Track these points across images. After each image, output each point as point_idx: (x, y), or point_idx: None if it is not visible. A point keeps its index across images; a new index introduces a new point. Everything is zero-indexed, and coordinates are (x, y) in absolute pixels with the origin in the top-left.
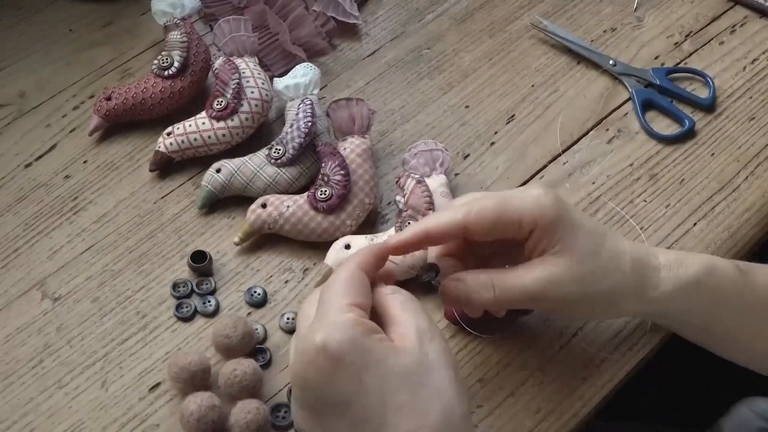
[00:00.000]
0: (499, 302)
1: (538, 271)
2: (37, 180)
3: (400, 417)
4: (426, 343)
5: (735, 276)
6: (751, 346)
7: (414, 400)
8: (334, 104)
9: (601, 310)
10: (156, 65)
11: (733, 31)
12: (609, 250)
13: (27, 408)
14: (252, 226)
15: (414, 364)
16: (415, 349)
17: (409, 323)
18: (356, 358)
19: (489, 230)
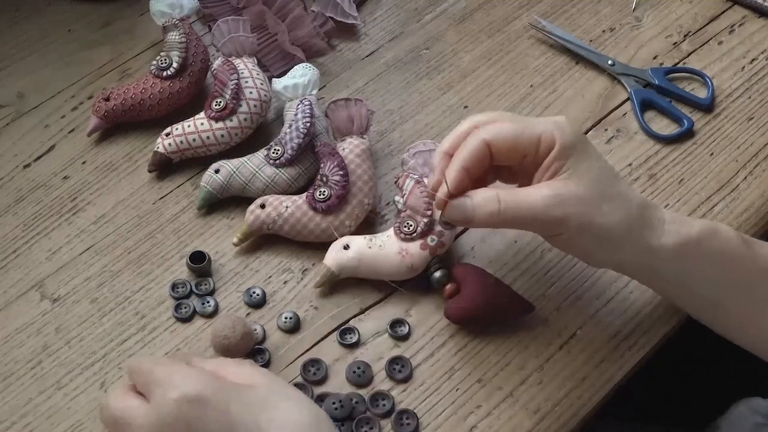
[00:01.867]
0: (502, 217)
1: (546, 189)
2: (35, 181)
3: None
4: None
5: (737, 243)
6: (748, 321)
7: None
8: (333, 104)
9: (601, 248)
10: (155, 66)
11: (731, 31)
12: (618, 189)
13: (26, 409)
14: (251, 227)
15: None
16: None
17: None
18: (220, 396)
19: (510, 147)
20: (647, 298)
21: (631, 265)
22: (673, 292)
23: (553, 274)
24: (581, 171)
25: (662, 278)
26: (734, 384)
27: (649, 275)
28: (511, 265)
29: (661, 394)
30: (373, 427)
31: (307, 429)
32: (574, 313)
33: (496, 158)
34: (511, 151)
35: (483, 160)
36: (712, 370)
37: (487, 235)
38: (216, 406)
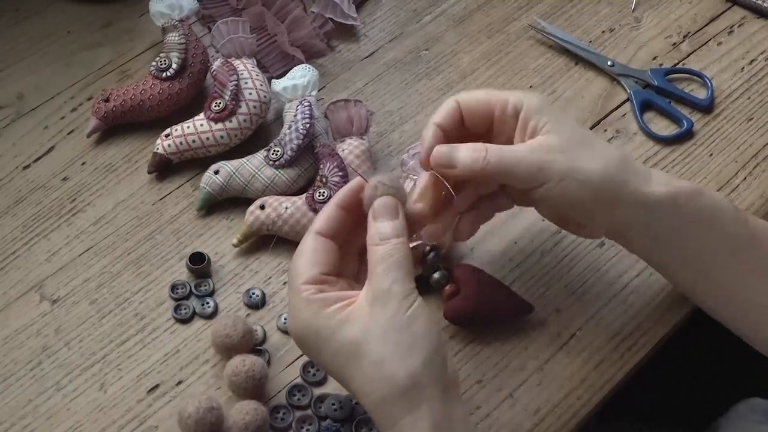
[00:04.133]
0: (487, 166)
1: (530, 143)
2: (35, 182)
3: (355, 384)
4: (377, 308)
5: (727, 205)
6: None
7: (361, 369)
8: (333, 105)
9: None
10: (154, 67)
11: (731, 31)
12: (597, 140)
13: (25, 410)
14: (250, 228)
15: (359, 334)
16: (364, 316)
17: (372, 282)
18: (312, 339)
19: (480, 106)
20: (647, 299)
21: (616, 221)
22: (661, 254)
23: (552, 275)
24: (560, 128)
25: (652, 236)
26: (734, 384)
27: (639, 232)
28: (510, 266)
29: (661, 394)
30: (373, 428)
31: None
32: (573, 314)
33: (468, 120)
34: (481, 110)
35: (455, 118)
36: (712, 370)
37: (487, 236)
38: (309, 348)
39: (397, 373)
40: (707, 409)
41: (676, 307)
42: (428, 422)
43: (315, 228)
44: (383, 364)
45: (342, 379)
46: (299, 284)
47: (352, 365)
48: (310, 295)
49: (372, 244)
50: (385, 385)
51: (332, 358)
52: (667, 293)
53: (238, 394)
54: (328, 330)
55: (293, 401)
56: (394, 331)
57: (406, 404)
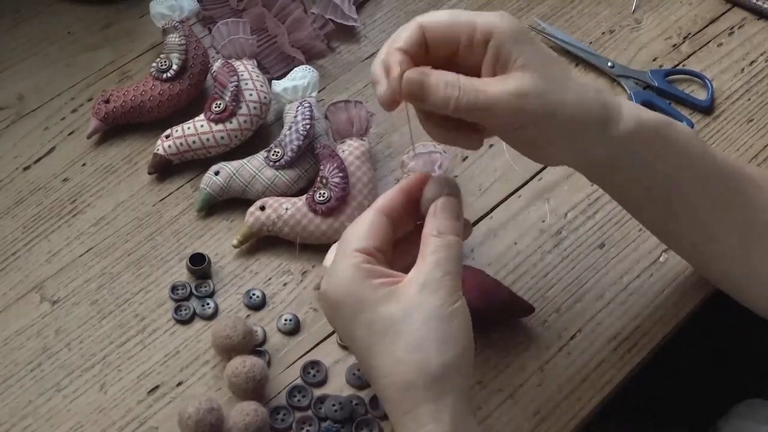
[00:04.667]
0: (459, 103)
1: (504, 81)
2: (35, 183)
3: (379, 362)
4: (425, 294)
5: (695, 137)
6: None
7: (393, 348)
8: (333, 106)
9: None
10: (154, 68)
11: (731, 32)
12: (573, 76)
13: (26, 411)
14: (251, 229)
15: (401, 313)
16: (410, 297)
17: (424, 268)
18: (350, 305)
19: (444, 29)
20: (647, 300)
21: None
22: (631, 189)
23: (552, 276)
24: (533, 61)
25: (620, 172)
26: (735, 385)
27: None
28: (510, 267)
29: (661, 395)
30: (373, 428)
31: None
32: (573, 315)
33: (432, 46)
34: (446, 34)
35: (419, 43)
36: (713, 371)
37: (487, 238)
38: (342, 314)
39: (432, 360)
40: (708, 409)
41: (676, 309)
42: (450, 414)
43: (377, 205)
44: (419, 347)
45: (367, 353)
46: (352, 249)
47: (384, 341)
48: (361, 263)
49: (430, 235)
50: (416, 369)
51: (366, 329)
52: (668, 294)
53: (238, 395)
54: (371, 301)
55: (293, 402)
56: (437, 320)
57: (432, 392)
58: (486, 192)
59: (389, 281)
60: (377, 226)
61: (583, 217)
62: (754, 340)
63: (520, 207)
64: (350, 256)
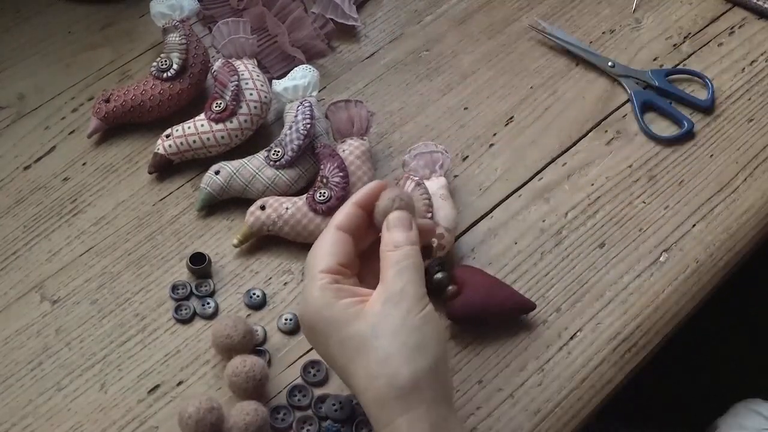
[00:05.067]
0: None
1: None
2: (36, 182)
3: (355, 380)
4: (389, 307)
5: None
6: None
7: (366, 364)
8: (333, 106)
9: None
10: (155, 67)
11: (731, 32)
12: None
13: (26, 410)
14: (251, 228)
15: (369, 329)
16: (375, 314)
17: (386, 284)
18: (321, 328)
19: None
20: (647, 300)
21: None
22: None
23: (553, 275)
24: None
25: None
26: (734, 384)
27: None
28: (511, 266)
29: (662, 394)
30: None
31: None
32: (574, 314)
33: None
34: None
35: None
36: (712, 370)
37: (488, 237)
38: (318, 336)
39: (402, 373)
40: (707, 408)
41: (676, 309)
42: (427, 423)
43: (335, 223)
44: (389, 361)
45: (345, 373)
46: (316, 272)
47: (357, 360)
48: (326, 284)
49: (386, 251)
50: (387, 383)
51: (339, 349)
52: (668, 294)
53: (238, 395)
54: (340, 321)
55: (294, 402)
56: (404, 331)
57: (406, 404)
58: (486, 191)
59: (357, 300)
60: (338, 242)
61: (583, 217)
62: (753, 339)
63: (520, 206)
64: (317, 278)
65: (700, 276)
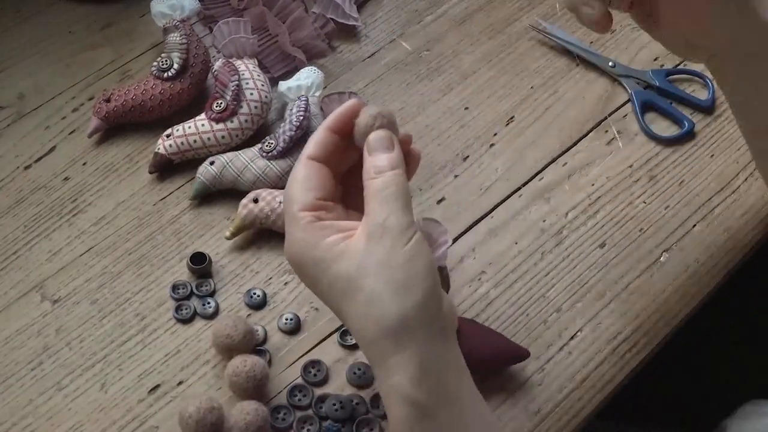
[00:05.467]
0: None
1: None
2: (36, 182)
3: (348, 321)
4: (372, 244)
5: None
6: None
7: (354, 305)
8: (327, 98)
9: None
10: (155, 67)
11: None
12: None
13: (26, 410)
14: (244, 221)
15: (354, 268)
16: (360, 251)
17: (369, 216)
18: (309, 270)
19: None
20: (648, 299)
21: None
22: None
23: (553, 275)
24: None
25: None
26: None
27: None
28: (511, 266)
29: (663, 395)
30: (374, 428)
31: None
32: (574, 314)
33: None
34: None
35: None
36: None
37: (488, 237)
38: (306, 276)
39: (389, 312)
40: (710, 410)
41: (677, 308)
42: (417, 365)
43: (306, 153)
44: (375, 301)
45: (338, 313)
46: (296, 210)
47: (346, 300)
48: (308, 223)
49: (368, 179)
50: (375, 324)
51: (328, 290)
52: (669, 294)
53: (238, 395)
54: (326, 261)
55: (294, 401)
56: (389, 268)
57: (395, 344)
58: (487, 191)
59: (342, 237)
60: (313, 176)
61: (583, 217)
62: (754, 339)
63: (520, 206)
64: (298, 218)
65: (700, 276)
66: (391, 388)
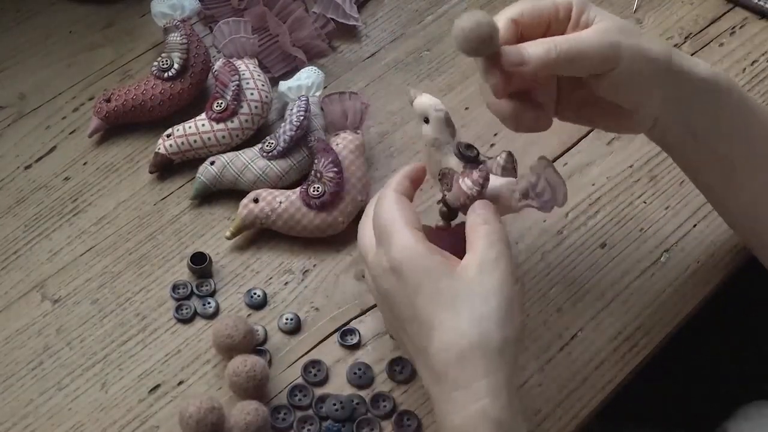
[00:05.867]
0: (560, 55)
1: (593, 29)
2: (36, 182)
3: (440, 332)
4: (484, 274)
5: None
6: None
7: (457, 320)
8: (327, 98)
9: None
10: (156, 67)
11: (732, 32)
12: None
13: (27, 410)
14: (244, 221)
15: (464, 289)
16: (471, 276)
17: (478, 252)
18: (414, 276)
19: (532, 17)
20: (648, 299)
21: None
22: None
23: (554, 275)
24: (608, 16)
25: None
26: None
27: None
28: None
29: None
30: (374, 428)
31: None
32: (575, 314)
33: (524, 35)
34: (534, 19)
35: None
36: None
37: None
38: (406, 284)
39: (493, 335)
40: (708, 409)
41: (677, 308)
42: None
43: (393, 186)
44: (481, 321)
45: (429, 324)
46: (404, 225)
47: (447, 313)
48: (422, 237)
49: (478, 225)
50: (478, 341)
51: (429, 299)
52: (669, 294)
53: (239, 395)
54: (437, 272)
55: (294, 401)
56: (497, 298)
57: (491, 366)
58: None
59: (447, 259)
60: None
61: (584, 217)
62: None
63: None
64: (407, 231)
65: (701, 276)
66: (477, 412)
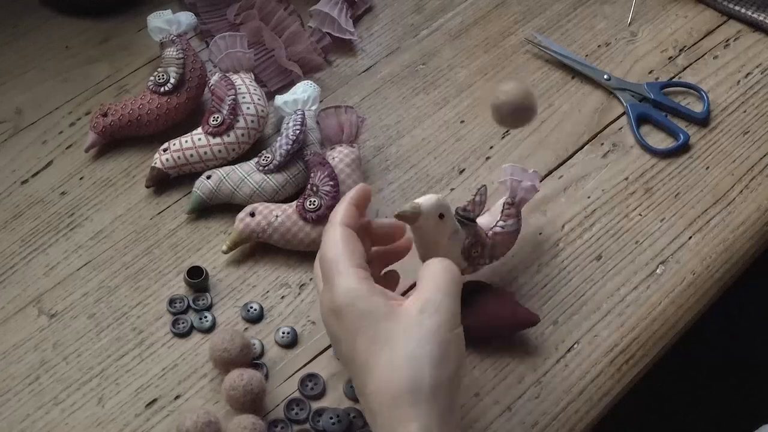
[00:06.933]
0: None
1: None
2: (33, 196)
3: (376, 374)
4: (425, 316)
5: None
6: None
7: (390, 357)
8: (323, 112)
9: None
10: (152, 81)
11: (726, 45)
12: None
13: (23, 425)
14: (240, 235)
15: (401, 330)
16: (410, 317)
17: (424, 291)
18: (353, 319)
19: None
20: (644, 312)
21: None
22: None
23: (550, 288)
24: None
25: None
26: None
27: None
28: (507, 279)
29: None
30: None
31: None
32: (571, 327)
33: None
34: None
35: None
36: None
37: None
38: (346, 328)
39: (425, 378)
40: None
41: (673, 320)
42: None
43: (341, 220)
44: (415, 361)
45: (365, 365)
46: (348, 266)
47: (383, 352)
48: (363, 278)
49: (431, 263)
50: (409, 381)
51: (366, 343)
52: (665, 306)
53: (236, 408)
54: (376, 315)
55: (291, 415)
56: (435, 340)
57: (422, 411)
58: None
59: (389, 300)
60: (353, 239)
61: (579, 229)
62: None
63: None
64: (350, 271)
65: (696, 288)
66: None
